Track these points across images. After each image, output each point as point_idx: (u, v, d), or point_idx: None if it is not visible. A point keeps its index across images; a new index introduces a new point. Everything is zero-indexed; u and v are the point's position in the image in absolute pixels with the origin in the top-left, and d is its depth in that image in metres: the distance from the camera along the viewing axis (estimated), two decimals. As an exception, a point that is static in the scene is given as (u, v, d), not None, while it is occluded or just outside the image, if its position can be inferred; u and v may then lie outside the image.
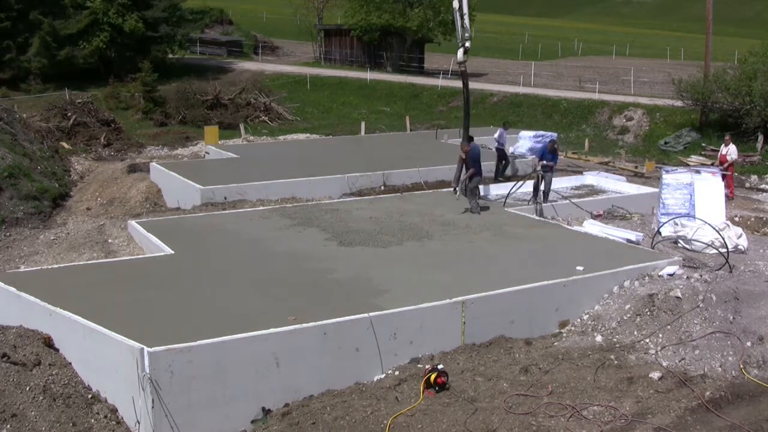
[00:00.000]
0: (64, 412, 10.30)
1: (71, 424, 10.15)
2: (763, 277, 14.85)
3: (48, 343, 11.59)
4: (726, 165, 23.12)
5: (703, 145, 31.66)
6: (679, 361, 12.01)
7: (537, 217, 18.51)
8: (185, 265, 14.15)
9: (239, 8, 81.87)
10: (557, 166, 21.31)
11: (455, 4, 20.51)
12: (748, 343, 12.19)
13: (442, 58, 59.35)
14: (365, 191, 21.71)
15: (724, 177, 23.06)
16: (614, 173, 25.44)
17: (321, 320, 11.29)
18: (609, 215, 19.66)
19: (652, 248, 16.60)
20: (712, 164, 27.42)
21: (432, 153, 26.34)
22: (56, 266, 14.92)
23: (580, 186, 22.91)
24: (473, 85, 46.29)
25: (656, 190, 20.30)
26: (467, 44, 20.56)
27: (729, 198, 22.44)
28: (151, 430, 10.01)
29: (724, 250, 16.12)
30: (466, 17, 20.42)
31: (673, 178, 19.00)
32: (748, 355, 12.04)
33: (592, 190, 22.40)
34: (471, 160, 18.73)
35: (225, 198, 19.93)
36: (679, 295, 13.13)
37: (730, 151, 23.36)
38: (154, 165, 23.15)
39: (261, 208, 19.22)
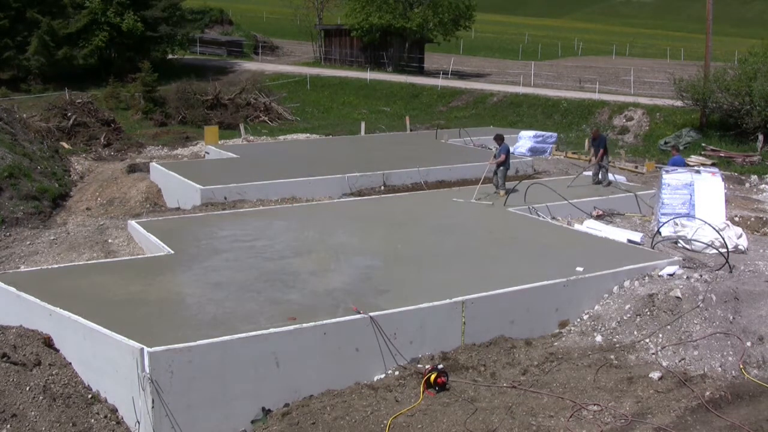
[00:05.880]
0: (64, 412, 10.30)
1: (71, 424, 10.14)
2: (763, 277, 14.84)
3: (48, 343, 11.58)
4: None
5: (703, 145, 31.64)
6: (679, 361, 12.00)
7: None
8: (185, 265, 14.15)
9: (239, 8, 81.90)
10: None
11: None
12: (748, 343, 12.19)
13: (442, 58, 59.32)
14: (365, 191, 21.71)
15: None
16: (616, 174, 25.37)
17: (321, 320, 11.30)
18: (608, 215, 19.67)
19: (652, 248, 16.60)
20: (713, 164, 27.42)
21: (432, 153, 26.33)
22: (56, 266, 14.90)
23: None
24: (473, 84, 46.39)
25: (655, 190, 20.28)
26: None
27: None
28: (151, 430, 10.01)
29: (724, 250, 16.10)
30: None
31: (673, 178, 18.97)
32: (748, 355, 12.03)
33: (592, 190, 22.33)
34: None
35: (225, 198, 19.92)
36: (679, 295, 13.12)
37: None
38: (154, 165, 23.13)
39: (261, 208, 19.22)
